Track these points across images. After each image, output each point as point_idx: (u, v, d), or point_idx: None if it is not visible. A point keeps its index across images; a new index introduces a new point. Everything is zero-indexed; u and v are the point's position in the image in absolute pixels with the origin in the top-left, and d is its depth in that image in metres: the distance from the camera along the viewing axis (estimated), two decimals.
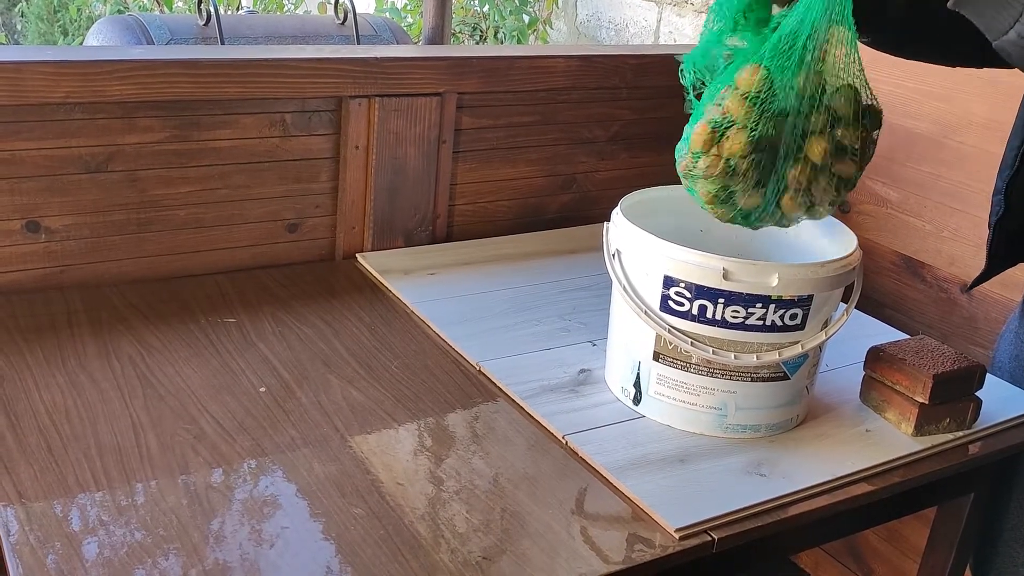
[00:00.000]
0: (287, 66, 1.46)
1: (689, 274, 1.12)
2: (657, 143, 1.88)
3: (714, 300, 1.12)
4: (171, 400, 1.16)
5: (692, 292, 1.12)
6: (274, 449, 1.09)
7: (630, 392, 1.22)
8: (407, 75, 1.56)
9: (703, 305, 1.12)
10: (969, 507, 1.36)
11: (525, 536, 1.00)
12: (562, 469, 1.11)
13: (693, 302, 1.13)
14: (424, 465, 1.10)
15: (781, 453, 1.17)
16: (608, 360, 1.28)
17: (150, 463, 1.05)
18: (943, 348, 1.26)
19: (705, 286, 1.11)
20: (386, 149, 1.58)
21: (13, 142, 1.32)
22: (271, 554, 0.94)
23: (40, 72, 1.29)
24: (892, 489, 1.16)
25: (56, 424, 1.09)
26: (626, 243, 1.18)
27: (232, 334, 1.33)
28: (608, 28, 3.25)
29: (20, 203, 1.36)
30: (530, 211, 1.80)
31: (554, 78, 1.70)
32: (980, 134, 1.68)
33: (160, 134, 1.42)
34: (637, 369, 1.20)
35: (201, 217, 1.49)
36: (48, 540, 0.92)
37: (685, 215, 1.29)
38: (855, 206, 1.90)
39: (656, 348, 1.17)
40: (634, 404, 1.22)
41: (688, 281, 1.12)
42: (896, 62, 1.16)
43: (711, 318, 1.13)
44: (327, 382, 1.24)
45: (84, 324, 1.31)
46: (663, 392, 1.19)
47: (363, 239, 1.62)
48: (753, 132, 1.05)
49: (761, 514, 1.07)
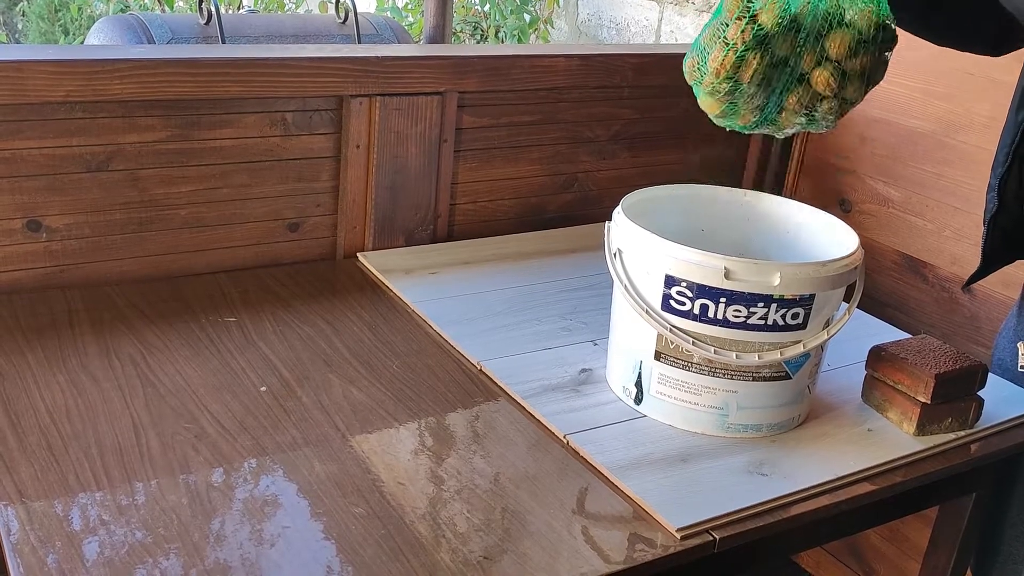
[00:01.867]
0: (288, 65, 1.46)
1: (690, 273, 1.12)
2: (658, 142, 1.88)
3: (716, 299, 1.11)
4: (172, 399, 1.16)
5: (693, 291, 1.12)
6: (275, 448, 1.09)
7: (631, 392, 1.22)
8: (408, 74, 1.56)
9: (704, 304, 1.12)
10: (971, 507, 1.36)
11: (526, 536, 0.99)
12: (563, 469, 1.11)
13: (695, 301, 1.12)
14: (425, 464, 1.10)
15: (783, 453, 1.17)
16: (609, 360, 1.28)
17: (151, 462, 1.04)
18: (945, 347, 1.26)
19: (707, 285, 1.11)
20: (387, 148, 1.58)
21: (14, 141, 1.32)
22: (272, 553, 0.94)
23: (41, 71, 1.29)
24: (894, 489, 1.16)
25: (57, 423, 1.09)
26: (627, 242, 1.18)
27: (233, 333, 1.33)
28: (609, 27, 3.25)
29: (21, 202, 1.36)
30: (531, 210, 1.80)
31: (555, 77, 1.70)
32: (982, 133, 1.68)
33: (161, 133, 1.42)
34: (638, 368, 1.20)
35: (202, 216, 1.49)
36: (49, 539, 0.92)
37: (687, 215, 1.29)
38: (856, 205, 1.90)
39: (658, 347, 1.17)
40: (635, 403, 1.22)
41: (689, 280, 1.12)
42: (896, 61, 1.16)
43: (713, 317, 1.12)
44: (328, 381, 1.23)
45: (85, 323, 1.31)
46: (664, 392, 1.19)
47: (364, 238, 1.62)
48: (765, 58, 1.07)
49: (763, 514, 1.07)
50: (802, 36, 1.08)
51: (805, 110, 1.11)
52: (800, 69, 1.09)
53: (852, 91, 1.10)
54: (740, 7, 1.09)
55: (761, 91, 1.10)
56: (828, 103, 1.10)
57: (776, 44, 1.08)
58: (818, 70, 1.08)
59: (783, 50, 1.08)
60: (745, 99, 1.10)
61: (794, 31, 1.08)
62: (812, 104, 1.11)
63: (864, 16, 1.07)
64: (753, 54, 1.08)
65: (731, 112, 1.14)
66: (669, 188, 1.30)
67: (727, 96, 1.11)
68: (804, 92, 1.10)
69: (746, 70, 1.08)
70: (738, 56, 1.08)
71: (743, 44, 1.08)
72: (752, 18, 1.08)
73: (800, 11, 1.08)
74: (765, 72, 1.09)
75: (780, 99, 1.10)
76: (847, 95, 1.11)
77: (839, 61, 1.08)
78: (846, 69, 1.09)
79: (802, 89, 1.10)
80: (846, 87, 1.10)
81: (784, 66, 1.09)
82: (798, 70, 1.09)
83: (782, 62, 1.09)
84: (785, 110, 1.11)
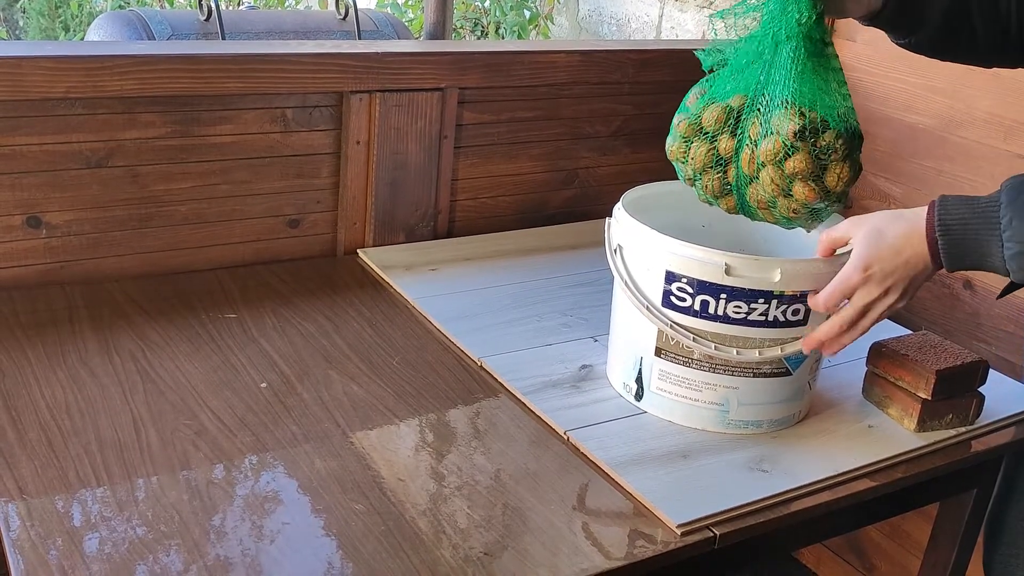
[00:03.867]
0: (288, 61, 1.45)
1: (691, 269, 1.12)
2: (659, 138, 1.86)
3: (716, 295, 1.11)
4: (172, 396, 1.16)
5: (694, 287, 1.12)
6: (275, 445, 1.09)
7: (632, 388, 1.22)
8: (408, 70, 1.55)
9: (705, 300, 1.12)
10: (971, 503, 1.36)
11: (526, 532, 0.99)
12: (563, 465, 1.11)
13: (695, 297, 1.12)
14: (425, 461, 1.10)
15: (783, 449, 1.17)
16: (610, 356, 1.28)
17: (151, 459, 1.04)
18: (946, 344, 1.26)
19: (707, 281, 1.11)
20: (387, 144, 1.57)
21: (14, 137, 1.32)
22: (272, 550, 0.94)
23: (41, 67, 1.29)
24: (894, 485, 1.16)
25: (57, 419, 1.09)
26: (628, 238, 1.18)
27: (233, 330, 1.32)
28: (610, 23, 3.24)
29: (21, 198, 1.35)
30: (532, 207, 1.80)
31: (556, 73, 1.70)
32: (983, 129, 1.67)
33: (161, 129, 1.41)
34: (639, 365, 1.20)
35: (202, 212, 1.49)
36: (49, 536, 0.92)
37: (687, 210, 1.29)
38: (858, 201, 1.90)
39: (658, 344, 1.17)
40: (636, 400, 1.22)
41: (690, 276, 1.12)
42: (897, 56, 1.16)
43: (713, 314, 1.12)
44: (328, 378, 1.23)
45: (85, 320, 1.31)
46: (665, 388, 1.19)
47: (364, 235, 1.62)
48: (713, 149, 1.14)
49: (763, 510, 1.07)
50: (739, 133, 1.12)
51: (769, 206, 1.13)
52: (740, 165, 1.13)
53: (798, 190, 1.10)
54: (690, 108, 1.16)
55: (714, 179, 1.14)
56: (786, 201, 1.12)
57: (718, 139, 1.13)
58: (762, 171, 1.11)
59: (723, 145, 1.13)
60: (707, 188, 1.16)
61: (731, 130, 1.12)
62: (771, 201, 1.13)
63: (782, 119, 1.08)
64: (695, 144, 1.15)
65: (713, 202, 1.19)
66: (670, 184, 1.30)
67: (690, 181, 1.18)
68: (756, 189, 1.13)
69: (690, 158, 1.15)
70: (682, 143, 1.16)
71: (681, 135, 1.16)
72: (696, 119, 1.15)
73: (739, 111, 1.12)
74: (708, 159, 1.14)
75: (742, 191, 1.14)
76: (796, 193, 1.11)
77: (775, 164, 1.09)
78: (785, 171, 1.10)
79: (755, 187, 1.13)
80: (791, 185, 1.10)
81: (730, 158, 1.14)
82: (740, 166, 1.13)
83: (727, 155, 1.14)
84: (752, 207, 1.15)
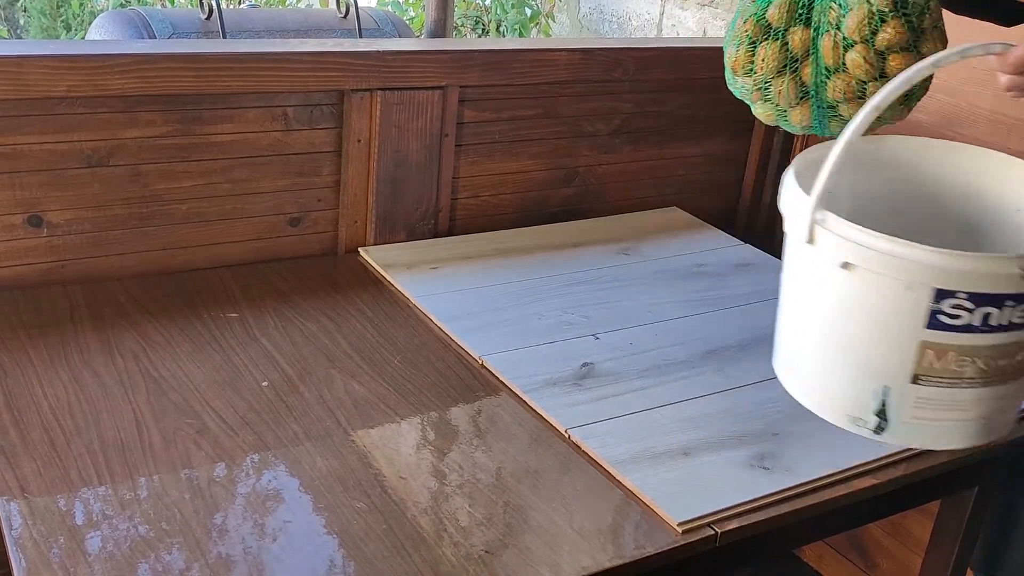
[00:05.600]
0: (289, 60, 1.45)
1: (971, 283, 0.93)
2: (660, 137, 1.88)
3: (1000, 305, 0.95)
4: (174, 395, 1.16)
5: (975, 302, 0.94)
6: (277, 443, 1.09)
7: (868, 423, 1.04)
8: (409, 68, 1.55)
9: (987, 313, 0.95)
10: (973, 501, 1.36)
11: (528, 530, 1.00)
12: (565, 463, 1.11)
13: (974, 311, 0.95)
14: (427, 459, 1.10)
15: (784, 446, 1.17)
16: (803, 385, 1.09)
17: (153, 457, 1.05)
18: None
19: (991, 293, 0.93)
20: (388, 143, 1.57)
21: (15, 136, 1.32)
22: (274, 548, 0.94)
23: (42, 66, 1.29)
24: (896, 483, 1.16)
25: (59, 419, 1.09)
26: (862, 254, 0.95)
27: (235, 328, 1.33)
28: (611, 21, 3.24)
29: (22, 197, 1.36)
30: (532, 205, 1.80)
31: (556, 71, 1.70)
32: (985, 127, 1.67)
33: (162, 128, 1.42)
34: (882, 396, 1.02)
35: (203, 211, 1.49)
36: (51, 534, 0.92)
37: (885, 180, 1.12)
38: None
39: (917, 371, 0.99)
40: (876, 434, 1.04)
41: (971, 291, 0.93)
42: None
43: (995, 325, 0.96)
44: (330, 376, 1.23)
45: (86, 319, 1.31)
46: (925, 416, 1.02)
47: (365, 233, 1.62)
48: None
49: (764, 507, 1.07)
50: (815, 21, 1.05)
51: (857, 96, 1.05)
52: (821, 56, 1.06)
53: (895, 65, 1.02)
54: (752, 6, 1.09)
55: (787, 83, 1.07)
56: (874, 85, 1.04)
57: (789, 34, 1.06)
58: (850, 53, 1.04)
59: (796, 39, 1.06)
60: (781, 95, 1.07)
61: (804, 20, 1.06)
62: (860, 89, 1.05)
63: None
64: (764, 45, 1.07)
65: (782, 117, 1.11)
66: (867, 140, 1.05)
67: (758, 93, 1.09)
68: (842, 80, 1.05)
69: (759, 62, 1.07)
70: (747, 48, 1.07)
71: (747, 37, 1.07)
72: (762, 15, 1.07)
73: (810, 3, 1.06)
74: (779, 60, 1.06)
75: (820, 93, 1.06)
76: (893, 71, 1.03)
77: (864, 41, 1.03)
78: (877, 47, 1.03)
79: (840, 78, 1.06)
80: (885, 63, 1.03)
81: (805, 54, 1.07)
82: (821, 57, 1.07)
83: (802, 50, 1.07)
84: (836, 102, 1.06)
